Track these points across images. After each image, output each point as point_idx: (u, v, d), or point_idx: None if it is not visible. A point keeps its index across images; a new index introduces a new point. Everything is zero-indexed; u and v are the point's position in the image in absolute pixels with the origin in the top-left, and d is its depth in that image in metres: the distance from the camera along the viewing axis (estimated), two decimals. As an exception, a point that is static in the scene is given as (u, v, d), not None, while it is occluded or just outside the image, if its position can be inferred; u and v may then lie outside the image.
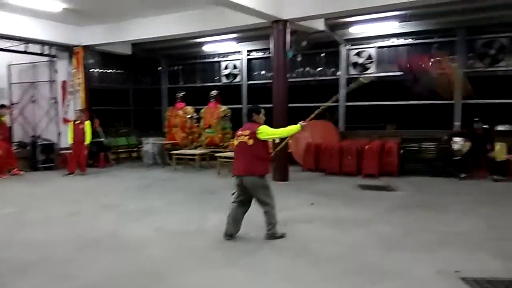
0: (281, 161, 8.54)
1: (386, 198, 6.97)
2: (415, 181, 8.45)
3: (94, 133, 10.77)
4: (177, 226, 5.27)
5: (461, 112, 10.39)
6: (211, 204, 6.43)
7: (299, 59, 10.88)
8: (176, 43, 12.08)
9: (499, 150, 8.90)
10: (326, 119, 12.32)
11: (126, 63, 14.54)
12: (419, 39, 10.81)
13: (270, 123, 8.65)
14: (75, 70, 11.33)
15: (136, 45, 12.15)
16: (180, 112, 12.00)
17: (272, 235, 4.57)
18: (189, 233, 4.96)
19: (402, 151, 9.48)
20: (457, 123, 10.41)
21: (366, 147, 9.18)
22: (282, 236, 4.63)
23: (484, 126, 8.78)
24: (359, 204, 6.45)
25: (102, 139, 11.53)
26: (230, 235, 4.61)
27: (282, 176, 8.51)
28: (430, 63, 5.04)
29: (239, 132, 4.66)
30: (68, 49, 11.27)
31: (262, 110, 4.73)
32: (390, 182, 8.36)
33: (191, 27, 9.54)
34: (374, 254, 4.20)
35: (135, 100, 15.51)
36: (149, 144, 11.64)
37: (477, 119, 8.75)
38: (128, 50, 12.48)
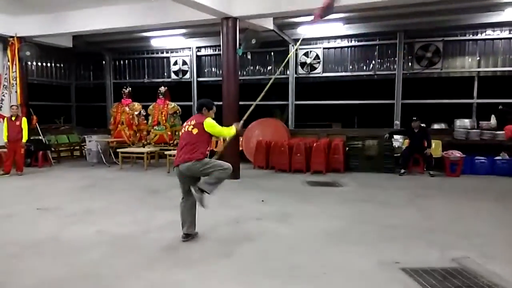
0: (232, 159, 8.51)
1: (333, 194, 7.22)
2: (360, 177, 8.84)
3: (32, 130, 10.09)
4: (122, 227, 5.06)
5: (401, 111, 11.03)
6: (159, 204, 6.28)
7: (249, 57, 10.93)
8: (121, 36, 11.63)
9: (435, 147, 9.55)
10: (276, 117, 12.55)
11: (67, 56, 13.79)
12: (362, 41, 11.30)
13: (220, 120, 8.66)
14: (9, 63, 10.50)
15: (77, 37, 11.52)
16: (127, 109, 11.55)
17: (202, 189, 4.30)
18: (134, 234, 4.79)
19: (347, 148, 9.86)
20: (397, 122, 11.03)
21: (314, 144, 9.44)
22: (201, 201, 4.32)
23: (422, 125, 9.38)
24: (308, 200, 6.62)
25: (41, 137, 10.81)
26: (187, 235, 4.47)
27: (234, 174, 8.46)
28: None
29: (185, 123, 4.58)
30: (2, 40, 10.43)
31: (214, 107, 4.62)
32: (337, 178, 8.67)
33: (136, 20, 9.19)
34: (319, 247, 4.33)
35: (78, 95, 14.78)
36: (93, 142, 11.13)
37: (415, 118, 9.32)
38: (69, 43, 11.79)
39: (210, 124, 4.40)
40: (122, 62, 14.09)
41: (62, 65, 14.03)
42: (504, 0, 8.43)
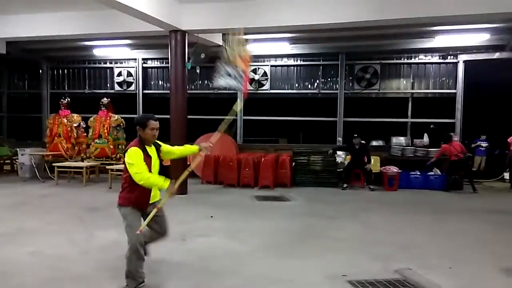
0: (179, 174, 8.32)
1: (281, 208, 7.30)
2: (306, 191, 9.05)
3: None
4: (57, 249, 4.68)
5: (343, 128, 11.53)
6: (99, 223, 5.91)
7: (198, 71, 10.85)
8: (61, 44, 11.01)
9: (374, 163, 10.07)
10: (224, 132, 12.51)
11: (-2, 63, 12.80)
12: (307, 60, 11.72)
13: (167, 135, 8.48)
14: None
15: (12, 43, 10.70)
16: (65, 120, 10.91)
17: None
18: (71, 256, 4.45)
19: (294, 163, 10.07)
20: (339, 138, 11.50)
21: (262, 159, 9.53)
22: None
23: (362, 141, 9.86)
24: (256, 215, 6.64)
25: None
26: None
27: (181, 189, 8.27)
28: None
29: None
30: None
31: (151, 122, 3.41)
32: (284, 192, 8.79)
33: (78, 29, 8.74)
34: (266, 262, 4.33)
35: (10, 105, 13.68)
36: (26, 155, 10.32)
37: (356, 135, 9.79)
38: (2, 49, 10.90)
39: (127, 159, 3.35)
40: (61, 71, 13.28)
41: (-8, 72, 12.97)
42: (435, 28, 9.22)
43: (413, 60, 11.24)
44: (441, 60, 11.07)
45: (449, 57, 10.96)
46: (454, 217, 6.74)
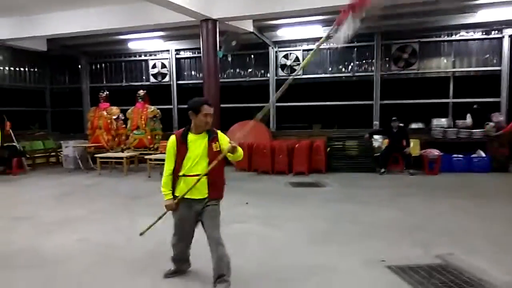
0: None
1: (316, 194, 7.24)
2: (341, 177, 8.91)
3: (6, 137, 9.74)
4: (103, 236, 4.91)
5: (379, 112, 11.20)
6: (142, 210, 6.11)
7: (229, 59, 10.88)
8: (97, 39, 11.36)
9: (413, 146, 9.73)
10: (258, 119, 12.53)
11: (41, 60, 13.41)
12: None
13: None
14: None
15: (52, 40, 11.21)
16: (104, 113, 11.32)
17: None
18: (117, 243, 4.64)
19: (328, 149, 9.93)
20: (376, 122, 11.19)
21: (296, 146, 9.46)
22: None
23: (400, 124, 9.54)
24: (291, 201, 6.62)
25: (15, 143, 10.43)
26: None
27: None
28: None
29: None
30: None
31: (204, 106, 3.21)
32: (319, 178, 8.71)
33: (112, 23, 9.00)
34: (302, 249, 4.31)
35: (53, 100, 14.37)
36: (70, 148, 10.84)
37: (394, 118, 9.47)
38: (43, 46, 11.46)
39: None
40: (98, 65, 13.78)
41: (36, 69, 13.61)
42: (477, 2, 8.66)
43: (454, 37, 10.68)
44: (484, 36, 10.45)
45: (492, 32, 10.32)
46: (498, 201, 6.42)
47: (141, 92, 11.21)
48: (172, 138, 3.27)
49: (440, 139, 10.11)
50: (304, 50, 11.60)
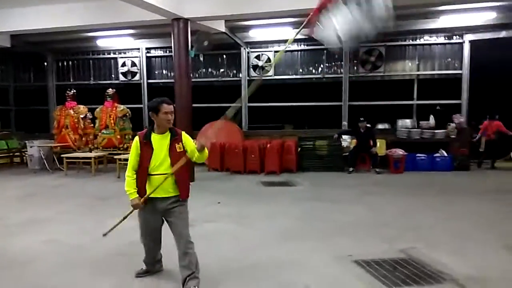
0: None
1: (287, 193, 7.37)
2: (311, 176, 9.11)
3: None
4: (71, 237, 4.81)
5: (348, 113, 11.51)
6: (110, 211, 6.01)
7: (201, 59, 10.85)
8: (64, 36, 11.05)
9: (380, 146, 10.07)
10: (230, 119, 12.59)
11: (4, 57, 12.86)
12: (311, 45, 11.62)
13: (173, 123, 8.54)
14: None
15: (16, 37, 10.77)
16: (71, 112, 11.02)
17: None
18: (85, 244, 4.56)
19: (299, 149, 10.11)
20: (344, 123, 11.49)
21: (268, 145, 9.58)
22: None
23: (368, 125, 9.85)
24: (262, 200, 6.72)
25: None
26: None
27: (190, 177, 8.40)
28: None
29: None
30: None
31: (163, 105, 3.22)
32: (290, 178, 8.87)
33: (81, 20, 8.73)
34: (274, 246, 4.41)
35: (16, 98, 13.83)
36: (35, 148, 10.48)
37: (362, 118, 9.77)
38: (6, 43, 10.98)
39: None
40: (65, 63, 13.35)
41: (-2, 66, 13.08)
42: (439, 8, 9.08)
43: (418, 42, 11.13)
44: (446, 41, 10.95)
45: (454, 37, 10.85)
46: (460, 198, 6.77)
47: (110, 90, 10.99)
48: (136, 138, 3.31)
49: (405, 139, 10.51)
50: (275, 51, 11.74)
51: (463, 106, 10.97)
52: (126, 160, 8.99)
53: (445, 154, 9.96)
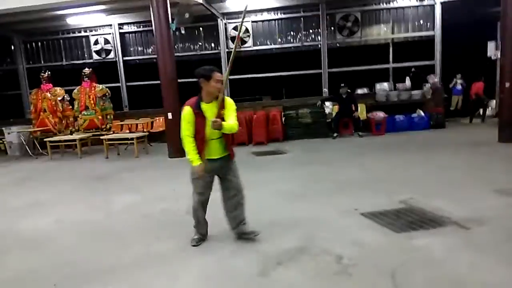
0: (175, 137, 8.46)
1: (279, 160, 7.60)
2: (299, 143, 9.38)
3: None
4: (81, 214, 4.86)
5: (328, 80, 11.73)
6: (111, 189, 6.08)
7: (182, 31, 10.64)
8: (31, 16, 10.50)
9: (361, 110, 10.41)
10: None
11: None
12: (288, 13, 11.63)
13: (160, 100, 8.48)
14: None
15: (-21, 18, 10.16)
16: (48, 95, 10.68)
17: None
18: (97, 219, 4.64)
19: (284, 118, 10.30)
20: (325, 90, 11.73)
21: (254, 117, 9.71)
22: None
23: (348, 90, 10.13)
24: (258, 168, 6.91)
25: None
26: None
27: (179, 152, 8.44)
28: None
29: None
30: None
31: (215, 73, 3.31)
32: (279, 146, 9.09)
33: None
34: (281, 207, 4.64)
35: (-16, 84, 13.16)
36: (14, 134, 10.18)
37: (343, 84, 10.02)
38: (-32, 25, 10.39)
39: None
40: (34, 44, 12.77)
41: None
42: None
43: (392, 5, 11.37)
44: (418, 3, 11.23)
45: (426, -1, 11.13)
46: (441, 152, 7.23)
47: (87, 70, 10.68)
48: (188, 109, 3.35)
49: (384, 102, 10.91)
50: (253, 21, 11.69)
51: (436, 66, 11.42)
52: (113, 140, 8.98)
53: (422, 114, 10.44)
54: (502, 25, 7.76)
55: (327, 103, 10.77)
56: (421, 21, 11.36)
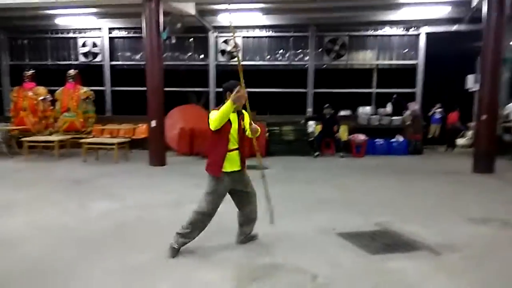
0: (157, 145, 8.42)
1: (259, 176, 7.59)
2: (280, 160, 9.43)
3: None
4: (52, 219, 4.73)
5: (313, 99, 11.93)
6: (87, 194, 5.95)
7: (173, 41, 10.68)
8: (20, 13, 10.40)
9: (343, 131, 10.61)
10: (194, 103, 12.59)
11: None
12: (278, 32, 11.86)
13: (144, 107, 8.44)
14: None
15: (-36, 12, 9.99)
16: (30, 93, 10.48)
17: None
18: (71, 224, 4.53)
19: (267, 134, 10.38)
20: (309, 109, 11.92)
21: (237, 130, 9.72)
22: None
23: (332, 111, 10.32)
24: (238, 183, 6.90)
25: None
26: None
27: (160, 160, 8.40)
28: None
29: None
30: None
31: (237, 88, 3.56)
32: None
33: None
34: (258, 224, 4.58)
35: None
36: (-9, 131, 9.88)
37: (327, 105, 10.22)
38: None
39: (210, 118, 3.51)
40: (20, 41, 12.57)
41: None
42: (400, 1, 9.64)
43: (378, 32, 11.72)
44: (404, 32, 11.63)
45: (412, 29, 11.53)
46: (418, 178, 7.41)
47: (72, 71, 10.59)
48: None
49: (365, 125, 11.15)
50: (243, 37, 11.84)
51: (417, 94, 11.77)
52: (92, 144, 8.84)
53: (401, 139, 10.70)
54: (483, 59, 8.09)
55: (310, 122, 10.93)
56: (406, 50, 11.75)
